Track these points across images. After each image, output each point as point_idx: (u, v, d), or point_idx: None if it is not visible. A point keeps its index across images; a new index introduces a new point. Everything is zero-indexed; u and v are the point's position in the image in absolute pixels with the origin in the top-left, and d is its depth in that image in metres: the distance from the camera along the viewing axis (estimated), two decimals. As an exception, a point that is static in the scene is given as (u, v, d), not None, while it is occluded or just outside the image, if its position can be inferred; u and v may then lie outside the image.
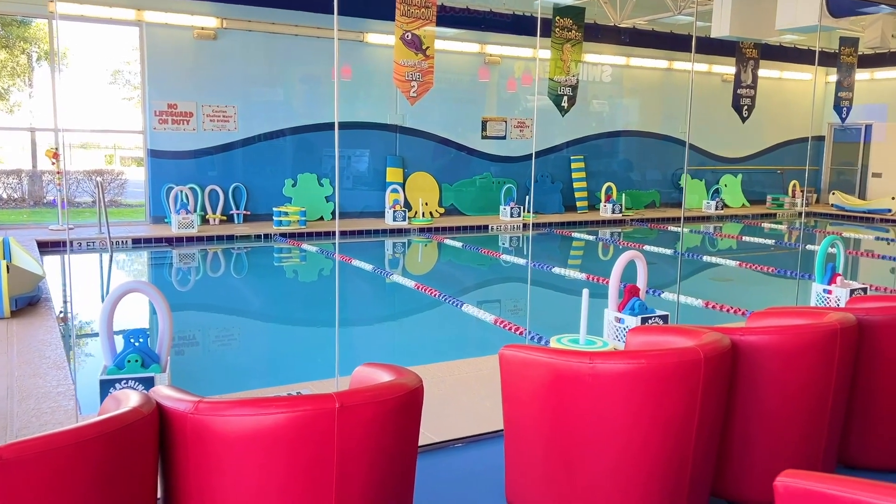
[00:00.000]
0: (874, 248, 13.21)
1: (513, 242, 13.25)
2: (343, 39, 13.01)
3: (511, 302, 8.02)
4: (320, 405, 1.91)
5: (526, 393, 2.80)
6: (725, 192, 17.00)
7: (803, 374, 2.97)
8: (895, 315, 3.29)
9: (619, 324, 5.41)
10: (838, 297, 6.40)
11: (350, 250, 11.11)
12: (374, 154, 13.55)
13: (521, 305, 8.19)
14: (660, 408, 2.55)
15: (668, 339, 3.00)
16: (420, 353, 5.86)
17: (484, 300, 8.02)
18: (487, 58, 14.41)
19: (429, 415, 3.99)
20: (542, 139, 15.18)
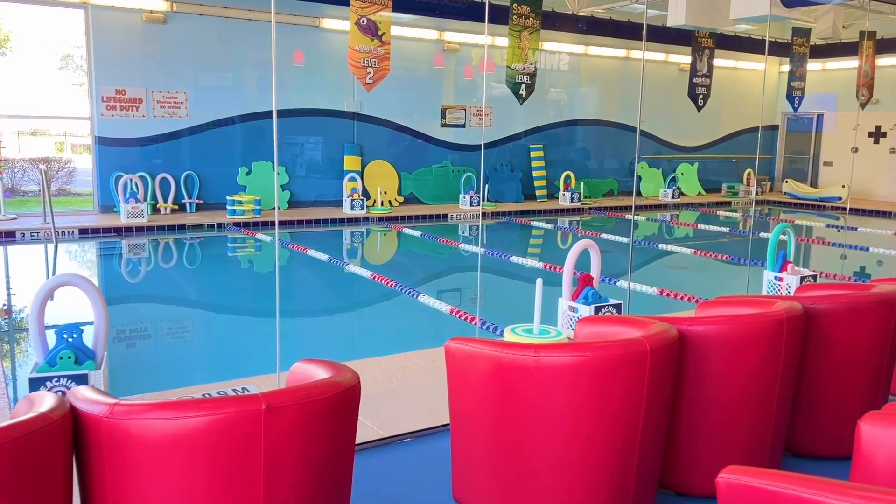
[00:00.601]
0: (825, 236, 13.49)
1: (472, 231, 13.19)
2: (298, 25, 12.76)
3: (468, 291, 7.96)
4: (245, 407, 1.81)
5: (471, 386, 2.73)
6: (682, 181, 17.18)
7: (750, 363, 2.95)
8: (841, 303, 3.30)
9: (573, 313, 5.38)
10: (789, 285, 6.47)
11: (306, 240, 10.92)
12: (331, 142, 13.34)
13: (477, 296, 8.14)
14: (605, 400, 2.50)
15: (616, 329, 2.95)
16: (372, 345, 5.76)
17: (441, 290, 7.95)
18: (446, 45, 14.28)
19: (378, 409, 3.92)
20: (500, 127, 15.13)
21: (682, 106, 15.02)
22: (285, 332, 6.46)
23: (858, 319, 3.30)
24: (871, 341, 3.35)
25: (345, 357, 4.83)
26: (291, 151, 13.12)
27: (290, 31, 12.72)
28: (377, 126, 13.75)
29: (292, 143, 13.13)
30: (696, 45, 13.25)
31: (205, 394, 4.12)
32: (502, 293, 8.35)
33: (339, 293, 7.83)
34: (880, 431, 2.10)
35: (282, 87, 12.80)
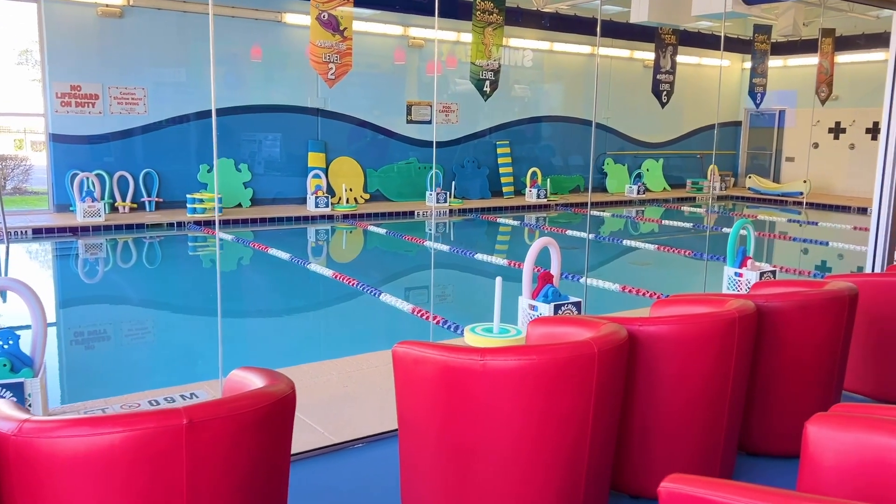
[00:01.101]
0: (787, 230, 13.67)
1: (439, 228, 13.12)
2: (260, 20, 12.56)
3: (432, 291, 7.88)
4: (165, 422, 1.71)
5: (418, 391, 2.65)
6: (647, 177, 17.29)
7: (702, 363, 2.92)
8: (793, 301, 3.28)
9: (533, 311, 5.33)
10: (748, 280, 6.50)
11: (268, 238, 10.75)
12: (295, 138, 13.16)
13: (440, 293, 8.06)
14: (553, 404, 2.44)
15: (567, 330, 2.90)
16: (330, 347, 5.66)
17: (404, 289, 7.86)
18: (411, 40, 14.17)
19: (331, 413, 3.82)
20: (466, 124, 15.07)
21: (647, 102, 15.09)
22: (241, 334, 6.33)
23: (810, 317, 3.29)
24: (824, 339, 3.35)
25: (300, 359, 4.74)
26: (254, 148, 12.91)
27: (252, 26, 12.51)
28: (342, 122, 13.60)
29: (255, 140, 12.92)
30: (659, 42, 13.32)
31: (152, 400, 3.99)
32: (466, 291, 8.30)
33: (299, 293, 7.70)
34: (827, 433, 2.07)
35: (244, 83, 12.59)
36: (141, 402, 3.96)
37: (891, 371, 3.99)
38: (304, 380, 4.33)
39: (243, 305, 7.33)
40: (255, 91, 12.68)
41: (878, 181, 5.69)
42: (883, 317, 3.98)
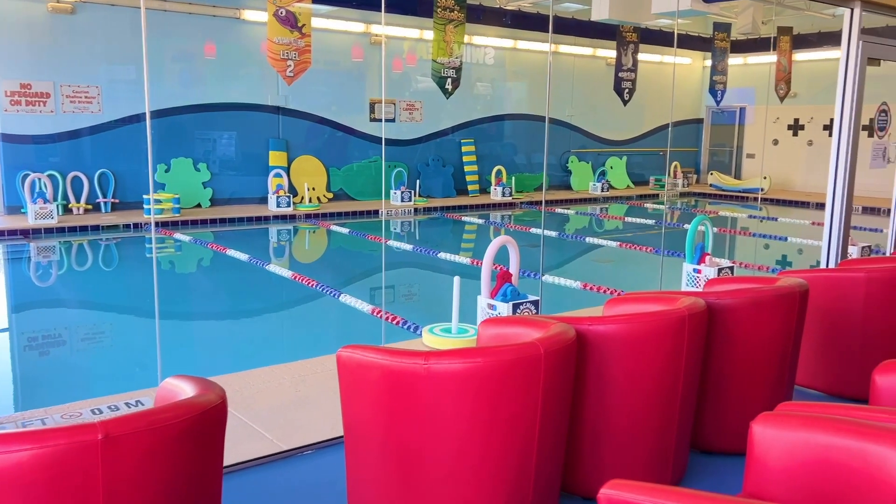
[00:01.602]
0: (748, 226, 13.84)
1: (403, 227, 13.03)
2: (218, 16, 12.33)
3: (393, 290, 7.79)
4: (78, 438, 1.61)
5: (363, 396, 2.58)
6: (611, 174, 17.39)
7: (652, 362, 2.89)
8: (744, 298, 3.27)
9: (492, 310, 5.28)
10: (707, 277, 6.53)
11: (228, 239, 10.56)
12: (255, 137, 12.95)
13: (402, 293, 7.98)
14: (499, 407, 2.38)
15: (517, 330, 2.84)
16: (285, 350, 5.54)
17: (364, 289, 7.75)
18: (373, 38, 14.04)
19: (281, 419, 3.72)
20: (431, 122, 14.99)
21: (609, 100, 15.16)
22: (194, 338, 6.19)
23: (761, 314, 3.29)
24: (775, 335, 3.35)
25: (254, 363, 4.63)
26: (213, 147, 12.68)
27: (209, 22, 12.28)
28: (304, 120, 13.43)
29: (214, 139, 12.70)
30: (620, 40, 13.38)
31: (95, 409, 3.86)
32: (428, 291, 8.23)
33: (256, 295, 7.54)
34: (772, 433, 2.04)
35: (201, 80, 12.36)
36: (83, 410, 3.82)
37: (842, 365, 4.02)
38: (256, 385, 4.22)
39: (198, 308, 7.17)
40: (213, 89, 12.46)
41: (832, 178, 5.75)
42: (834, 312, 4.00)
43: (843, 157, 5.63)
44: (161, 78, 12.07)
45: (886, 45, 5.89)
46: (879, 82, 6.96)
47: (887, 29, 7.93)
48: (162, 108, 11.97)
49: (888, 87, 6.84)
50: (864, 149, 6.08)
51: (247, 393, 4.08)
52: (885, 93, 6.60)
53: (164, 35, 11.88)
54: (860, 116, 5.71)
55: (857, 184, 5.84)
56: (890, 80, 7.14)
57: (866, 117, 6.15)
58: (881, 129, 6.31)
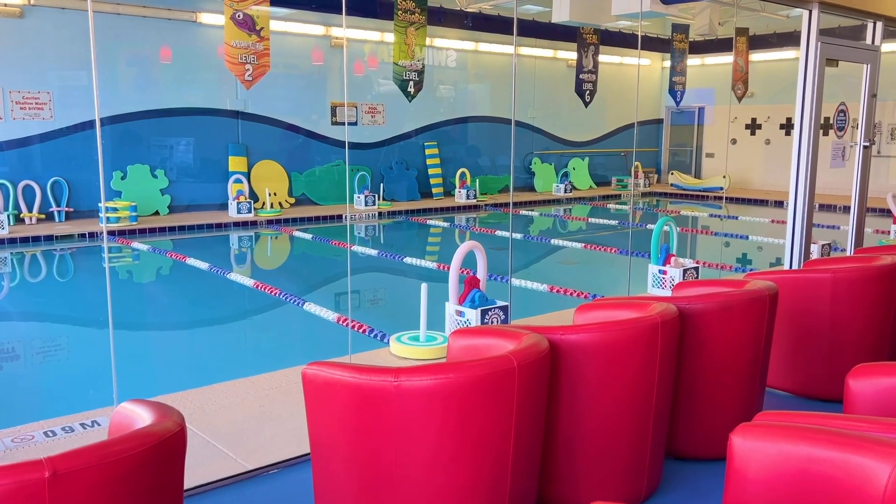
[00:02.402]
0: (709, 225, 14.02)
1: (367, 232, 12.90)
2: (173, 20, 12.06)
3: (358, 297, 7.67)
4: (23, 476, 1.49)
5: (330, 415, 2.48)
6: (574, 175, 17.48)
7: (626, 371, 2.84)
8: (715, 302, 3.25)
9: (460, 317, 5.21)
10: (672, 278, 6.56)
11: (187, 247, 10.33)
12: (214, 142, 12.70)
13: (368, 300, 7.86)
14: (472, 423, 2.31)
15: (489, 342, 2.77)
16: (247, 363, 5.38)
17: (329, 297, 7.61)
18: (333, 41, 13.88)
19: (245, 437, 3.59)
20: (394, 125, 14.89)
21: (571, 102, 15.20)
22: (153, 352, 5.99)
23: (732, 318, 3.27)
24: (746, 339, 3.33)
25: (216, 378, 4.47)
26: (170, 153, 12.39)
27: (165, 26, 12.00)
28: (263, 125, 13.20)
29: (171, 145, 12.41)
30: (581, 42, 13.42)
31: (48, 431, 3.68)
32: (394, 297, 8.12)
33: (217, 305, 7.35)
34: (752, 444, 2.00)
35: (157, 85, 12.07)
36: (35, 433, 3.64)
37: (811, 366, 4.04)
38: (219, 401, 4.08)
39: (157, 320, 6.95)
40: (170, 94, 12.18)
41: (794, 178, 5.81)
42: (801, 313, 4.01)
43: (805, 157, 5.69)
44: (116, 83, 11.75)
45: (844, 45, 5.97)
46: (837, 83, 7.07)
47: (841, 30, 8.08)
48: (117, 114, 11.66)
49: (845, 88, 6.96)
50: (822, 148, 6.16)
51: (209, 410, 3.93)
52: (842, 93, 6.70)
53: (117, 39, 11.57)
54: (820, 116, 5.78)
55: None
56: (847, 81, 7.27)
57: (825, 118, 6.23)
58: (840, 128, 6.40)
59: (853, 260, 4.33)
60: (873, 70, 6.28)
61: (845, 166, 6.50)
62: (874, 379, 2.51)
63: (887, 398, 2.47)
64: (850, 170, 6.74)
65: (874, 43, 6.29)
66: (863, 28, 6.54)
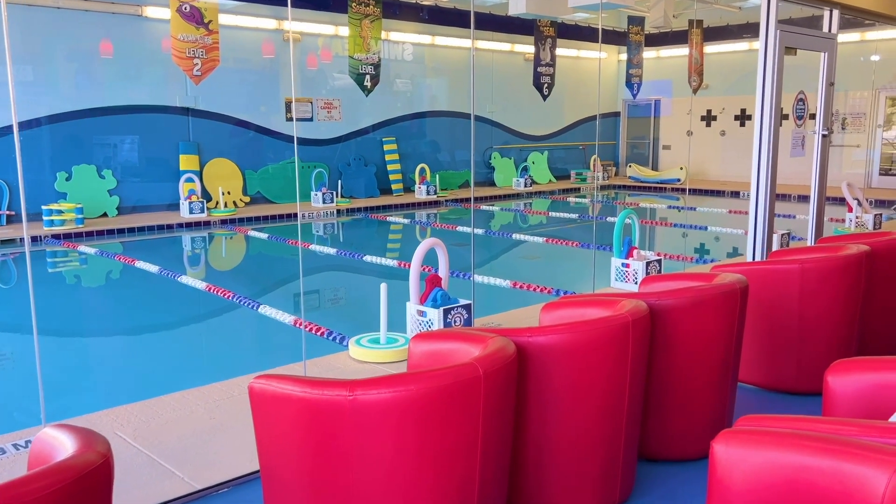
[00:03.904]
0: (668, 217, 14.08)
1: (326, 230, 12.63)
2: (118, 13, 11.60)
3: (316, 298, 7.43)
4: None
5: (281, 433, 2.27)
6: (533, 169, 17.42)
7: (597, 372, 2.69)
8: (685, 298, 3.13)
9: (422, 317, 5.03)
10: (636, 271, 6.48)
11: (137, 249, 9.94)
12: (164, 140, 12.27)
13: (326, 302, 7.63)
14: (435, 437, 2.13)
15: (453, 346, 2.60)
16: (197, 373, 5.11)
17: (285, 299, 7.35)
18: (286, 34, 13.54)
19: (194, 453, 3.34)
20: (350, 121, 14.61)
21: (529, 95, 15.14)
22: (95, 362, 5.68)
23: (703, 313, 3.15)
24: (718, 334, 3.22)
25: (163, 389, 4.22)
26: (118, 153, 11.93)
27: (108, 20, 11.54)
28: (216, 122, 12.81)
29: (119, 144, 11.95)
30: (538, 35, 13.35)
31: (-24, 454, 3.39)
32: (354, 297, 7.90)
33: (166, 310, 7.02)
34: (735, 453, 1.86)
35: (102, 82, 11.61)
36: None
37: (780, 360, 3.96)
38: (166, 414, 3.83)
39: (102, 328, 6.61)
40: (116, 91, 11.72)
41: (755, 168, 5.76)
42: (770, 305, 3.93)
43: (766, 147, 5.64)
44: (58, 80, 11.27)
45: (802, 34, 5.94)
46: (795, 72, 7.06)
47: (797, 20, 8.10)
48: (59, 113, 11.18)
49: (804, 77, 6.96)
50: (782, 137, 6.13)
51: (155, 424, 3.68)
52: (800, 82, 6.70)
53: (59, 34, 11.08)
54: (780, 105, 5.74)
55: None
56: (805, 70, 7.28)
57: (784, 108, 6.20)
58: (798, 118, 6.38)
59: (818, 250, 4.27)
60: (831, 58, 6.27)
61: (804, 155, 6.50)
62: (853, 375, 2.41)
63: (868, 395, 2.37)
64: (805, 159, 6.74)
65: (831, 31, 6.28)
66: (818, 18, 6.54)
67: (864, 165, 15.27)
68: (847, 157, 15.75)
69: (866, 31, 14.35)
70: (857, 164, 15.56)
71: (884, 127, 15.57)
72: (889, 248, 4.34)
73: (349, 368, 4.54)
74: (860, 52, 14.80)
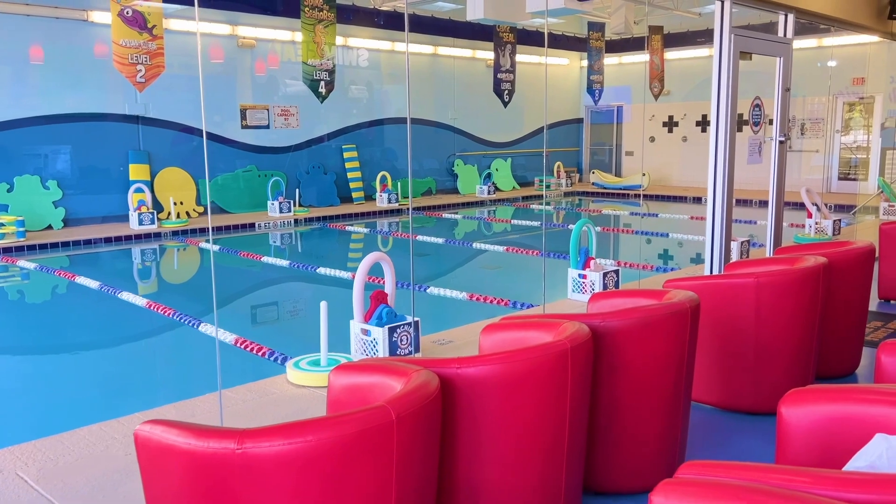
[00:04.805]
0: (631, 223, 13.99)
1: (283, 240, 12.28)
2: (62, 18, 11.16)
3: (262, 315, 7.11)
4: None
5: (169, 485, 1.99)
6: (497, 177, 17.25)
7: (534, 405, 2.46)
8: (633, 319, 2.91)
9: (366, 336, 4.76)
10: (593, 282, 6.29)
11: (82, 264, 9.52)
12: (113, 149, 11.83)
13: (272, 319, 7.31)
14: (340, 493, 1.87)
15: (374, 380, 2.34)
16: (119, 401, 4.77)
17: (230, 316, 7.01)
18: (241, 40, 13.19)
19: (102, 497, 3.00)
20: (308, 128, 14.29)
21: (492, 102, 14.98)
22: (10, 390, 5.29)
23: (652, 335, 2.93)
24: (667, 356, 3.01)
25: (78, 421, 3.87)
26: (64, 163, 11.47)
27: (53, 25, 11.10)
28: (167, 130, 12.40)
29: (64, 154, 11.49)
30: (497, 41, 13.19)
31: None
32: (302, 313, 7.59)
33: (98, 330, 6.62)
34: None
35: (47, 89, 11.14)
36: None
37: (737, 378, 3.77)
38: (77, 450, 3.50)
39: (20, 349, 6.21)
40: (62, 98, 11.27)
41: (711, 175, 5.61)
42: (725, 321, 3.74)
43: (722, 154, 5.49)
44: (-2, 87, 10.79)
45: (757, 38, 5.81)
46: (753, 78, 6.96)
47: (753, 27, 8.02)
48: (1, 122, 10.69)
49: (761, 83, 6.86)
50: (738, 144, 6.00)
51: (63, 463, 3.36)
52: (758, 88, 6.58)
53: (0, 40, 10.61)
54: (736, 110, 5.60)
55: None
56: (762, 77, 7.18)
57: (740, 114, 6.08)
58: (755, 123, 6.26)
59: (775, 262, 4.10)
60: (786, 63, 6.16)
61: (762, 162, 6.37)
62: (808, 406, 2.20)
63: (824, 428, 2.17)
64: (765, 164, 6.63)
65: (786, 35, 6.18)
66: (776, 25, 6.43)
67: (822, 171, 15.37)
68: (806, 162, 15.84)
69: (823, 37, 14.44)
70: (815, 170, 15.66)
71: (842, 132, 15.70)
72: (847, 259, 4.19)
73: (285, 394, 4.26)
74: (817, 57, 14.90)
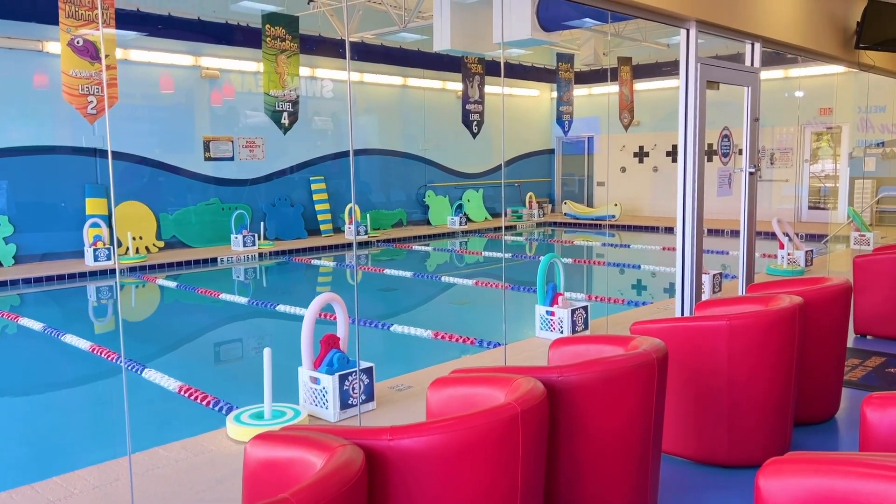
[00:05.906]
0: (603, 254, 13.82)
1: (247, 275, 11.90)
2: (16, 49, 10.82)
3: (210, 359, 6.71)
4: None
5: None
6: (468, 207, 17.04)
7: (479, 479, 2.15)
8: (594, 372, 2.63)
9: (315, 384, 4.43)
10: (561, 319, 6.03)
11: (31, 303, 9.09)
12: (68, 183, 11.42)
13: (222, 363, 6.93)
14: None
15: (293, 455, 2.03)
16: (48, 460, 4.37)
17: (177, 360, 6.61)
18: (204, 71, 12.91)
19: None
20: (274, 159, 14.00)
21: (462, 133, 14.82)
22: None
23: (615, 389, 2.66)
24: (633, 412, 2.73)
25: None
26: (15, 197, 11.03)
27: (6, 56, 10.74)
28: (126, 163, 12.02)
29: (16, 188, 11.05)
30: (465, 72, 13.07)
31: None
32: (255, 357, 7.21)
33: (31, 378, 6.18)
34: None
35: (-3, 121, 10.75)
36: None
37: (710, 429, 3.50)
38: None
39: None
40: (14, 131, 10.87)
41: (680, 207, 5.40)
42: (696, 367, 3.48)
43: (691, 184, 5.29)
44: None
45: (724, 67, 5.66)
46: (721, 108, 6.82)
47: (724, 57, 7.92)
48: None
49: (730, 113, 6.71)
50: (708, 174, 5.82)
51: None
52: (726, 118, 6.44)
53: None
54: (704, 140, 5.42)
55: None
56: (731, 107, 7.05)
57: (709, 144, 5.91)
58: (724, 154, 6.09)
59: (748, 301, 3.86)
60: (754, 92, 6.02)
61: (732, 194, 6.19)
62: (788, 479, 1.92)
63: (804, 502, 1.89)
64: (736, 194, 6.46)
65: (753, 65, 6.04)
66: (741, 56, 6.32)
67: (793, 200, 15.38)
68: (777, 191, 15.86)
69: (790, 67, 14.54)
70: (786, 199, 15.67)
71: (810, 161, 15.76)
72: (823, 298, 3.96)
73: (223, 452, 3.90)
74: (785, 87, 15.00)
